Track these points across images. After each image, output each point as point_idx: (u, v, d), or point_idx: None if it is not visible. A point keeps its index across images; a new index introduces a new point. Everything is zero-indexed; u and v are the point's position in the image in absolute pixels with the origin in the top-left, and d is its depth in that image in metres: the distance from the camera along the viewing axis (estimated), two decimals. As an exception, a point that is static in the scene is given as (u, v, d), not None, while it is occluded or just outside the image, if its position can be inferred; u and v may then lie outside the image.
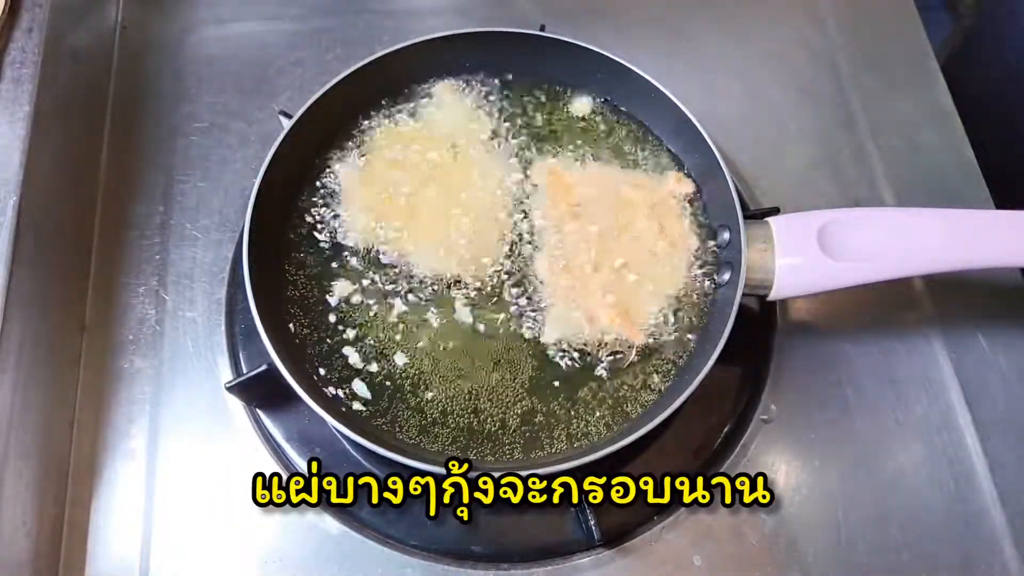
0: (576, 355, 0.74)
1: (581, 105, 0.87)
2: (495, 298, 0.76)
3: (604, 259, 0.77)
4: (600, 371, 0.74)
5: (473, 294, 0.76)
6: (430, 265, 0.77)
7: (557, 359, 0.74)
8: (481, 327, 0.75)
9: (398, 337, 0.75)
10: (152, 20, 0.99)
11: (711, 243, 0.79)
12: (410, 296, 0.76)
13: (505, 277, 0.77)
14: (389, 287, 0.77)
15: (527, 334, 0.75)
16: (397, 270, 0.77)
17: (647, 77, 0.80)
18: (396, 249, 0.78)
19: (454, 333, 0.75)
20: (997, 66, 1.10)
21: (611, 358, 0.74)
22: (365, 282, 0.77)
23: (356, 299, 0.76)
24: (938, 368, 0.83)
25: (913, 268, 0.72)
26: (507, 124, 0.85)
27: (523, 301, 0.76)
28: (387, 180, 0.81)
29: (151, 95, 0.94)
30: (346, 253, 0.78)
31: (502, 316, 0.76)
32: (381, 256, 0.78)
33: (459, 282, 0.77)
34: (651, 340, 0.75)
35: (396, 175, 0.81)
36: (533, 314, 0.76)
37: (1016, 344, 0.84)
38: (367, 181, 0.81)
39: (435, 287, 0.77)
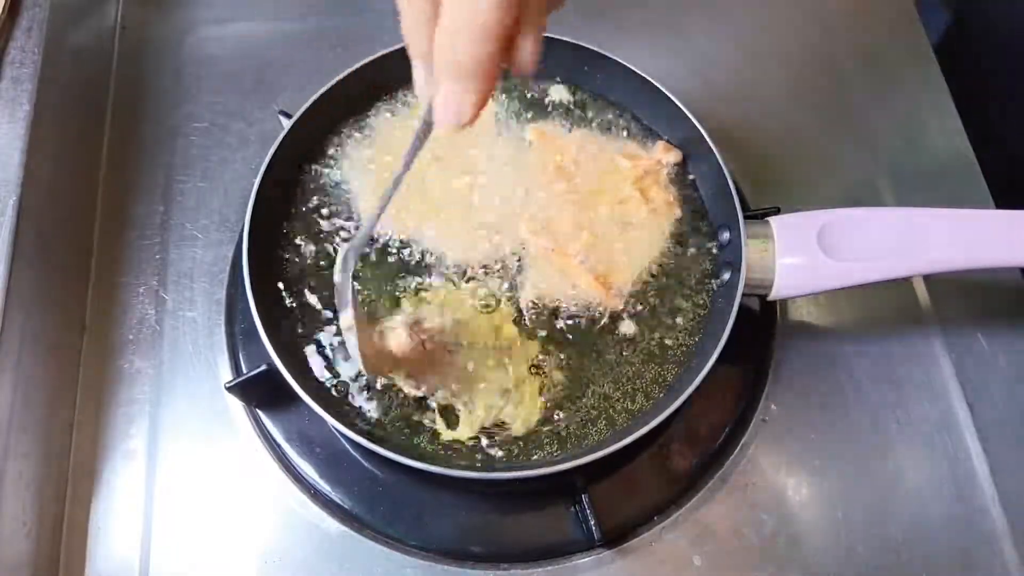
0: (569, 322, 0.75)
1: (579, 100, 0.87)
2: (500, 285, 0.76)
3: (586, 221, 0.78)
4: (600, 364, 0.74)
5: (480, 282, 0.76)
6: (434, 257, 0.77)
7: (552, 342, 0.74)
8: (486, 317, 0.75)
9: (398, 337, 0.75)
10: (152, 20, 0.99)
11: (697, 218, 0.81)
12: (412, 292, 0.76)
13: (507, 257, 0.77)
14: (389, 284, 0.76)
15: (525, 310, 0.75)
16: (399, 266, 0.77)
17: (645, 75, 0.80)
18: (398, 244, 0.78)
19: (458, 328, 0.74)
20: (987, 48, 1.09)
21: (605, 337, 0.75)
22: (365, 279, 0.77)
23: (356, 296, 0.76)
24: (938, 368, 0.83)
25: (913, 268, 0.72)
26: (507, 121, 0.85)
27: (518, 277, 0.77)
28: (388, 176, 0.80)
29: (151, 95, 0.94)
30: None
31: (506, 302, 0.75)
32: (382, 252, 0.78)
33: (465, 273, 0.76)
34: (627, 306, 0.75)
35: (396, 172, 0.81)
36: (519, 281, 0.76)
37: (1016, 344, 0.84)
38: (367, 178, 0.80)
39: (440, 280, 0.76)
